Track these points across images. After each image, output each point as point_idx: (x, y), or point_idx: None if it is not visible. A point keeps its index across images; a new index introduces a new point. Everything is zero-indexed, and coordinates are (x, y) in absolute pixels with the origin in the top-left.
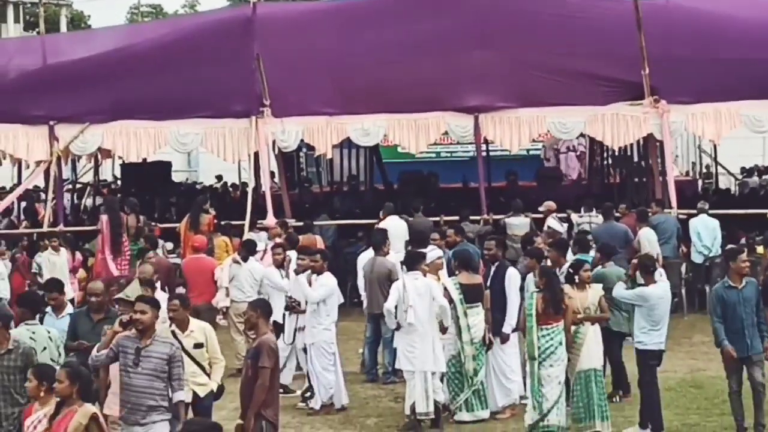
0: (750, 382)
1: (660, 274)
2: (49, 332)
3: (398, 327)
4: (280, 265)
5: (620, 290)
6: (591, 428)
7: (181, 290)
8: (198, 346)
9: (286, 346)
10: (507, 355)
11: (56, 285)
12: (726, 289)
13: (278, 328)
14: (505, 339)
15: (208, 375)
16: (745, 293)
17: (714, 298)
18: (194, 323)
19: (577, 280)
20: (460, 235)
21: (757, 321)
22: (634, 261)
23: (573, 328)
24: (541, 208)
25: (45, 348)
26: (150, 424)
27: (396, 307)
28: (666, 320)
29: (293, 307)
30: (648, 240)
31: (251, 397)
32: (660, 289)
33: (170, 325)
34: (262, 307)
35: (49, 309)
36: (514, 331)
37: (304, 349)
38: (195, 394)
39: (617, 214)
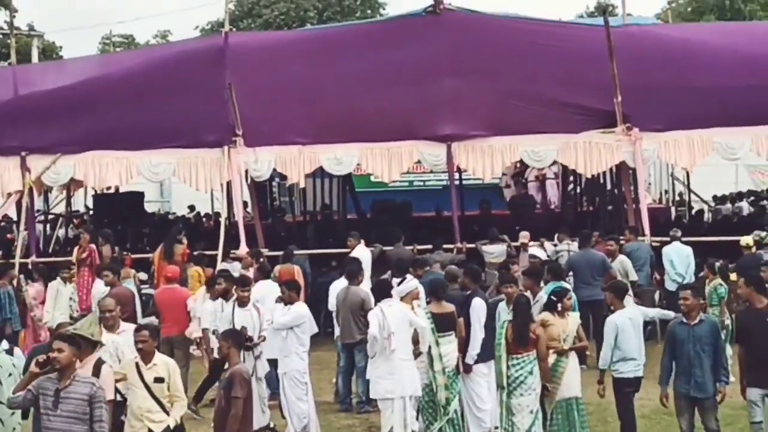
0: (704, 427)
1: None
2: (13, 362)
3: (374, 355)
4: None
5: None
6: None
7: (153, 321)
8: (158, 380)
9: None
10: (476, 384)
11: None
12: (678, 325)
13: None
14: (467, 369)
15: (167, 412)
16: (697, 331)
17: (666, 332)
18: (158, 357)
19: (559, 308)
20: (420, 268)
21: (714, 362)
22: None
23: (555, 357)
24: (522, 240)
25: (10, 374)
26: None
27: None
28: (641, 347)
29: (248, 340)
30: (626, 267)
31: (225, 427)
32: (626, 314)
33: (135, 357)
34: (233, 337)
35: None
36: (481, 361)
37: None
38: (150, 431)
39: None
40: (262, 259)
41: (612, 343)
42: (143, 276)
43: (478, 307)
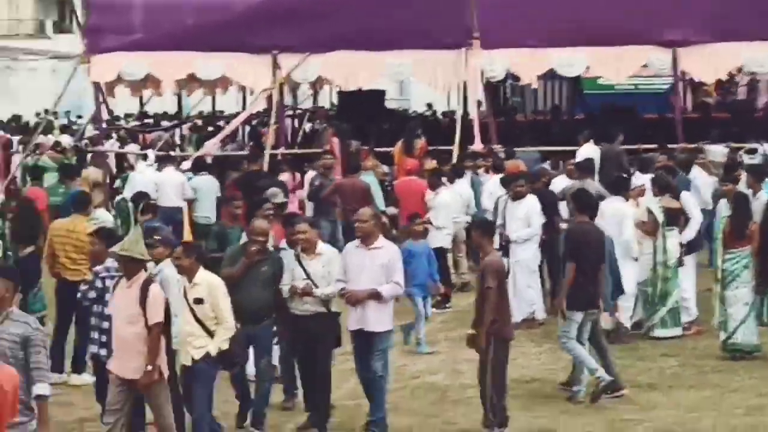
0: None
1: None
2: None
3: None
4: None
5: None
6: None
7: (393, 210)
8: (198, 301)
9: None
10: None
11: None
12: None
13: None
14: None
15: (212, 335)
16: None
17: None
18: (201, 275)
19: None
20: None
21: None
22: None
23: None
24: None
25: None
26: None
27: None
28: None
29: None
30: None
31: (482, 317)
32: None
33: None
34: (483, 226)
35: None
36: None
37: None
38: (192, 358)
39: None
40: (494, 155)
41: None
42: (386, 169)
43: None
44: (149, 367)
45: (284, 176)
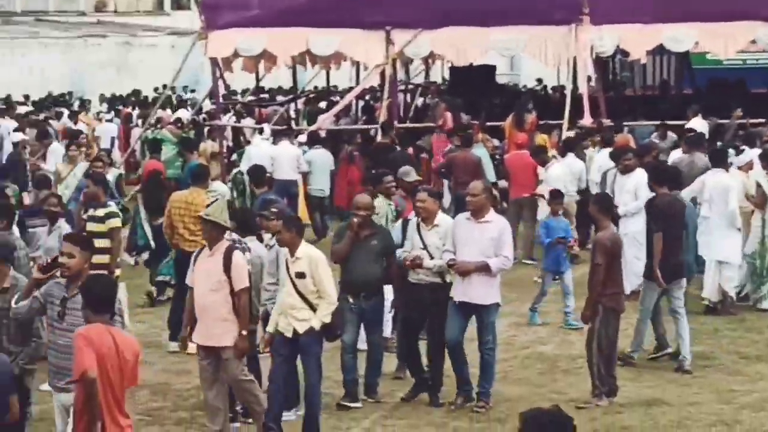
0: None
1: None
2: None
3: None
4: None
5: None
6: None
7: (503, 184)
8: (299, 275)
9: None
10: None
11: None
12: None
13: None
14: None
15: (314, 308)
16: None
17: None
18: (303, 249)
19: None
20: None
21: None
22: None
23: None
24: None
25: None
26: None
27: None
28: None
29: None
30: None
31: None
32: None
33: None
34: (601, 202)
35: None
36: None
37: None
38: (295, 330)
39: None
40: (604, 129)
41: None
42: (496, 142)
43: None
44: (244, 332)
45: None
